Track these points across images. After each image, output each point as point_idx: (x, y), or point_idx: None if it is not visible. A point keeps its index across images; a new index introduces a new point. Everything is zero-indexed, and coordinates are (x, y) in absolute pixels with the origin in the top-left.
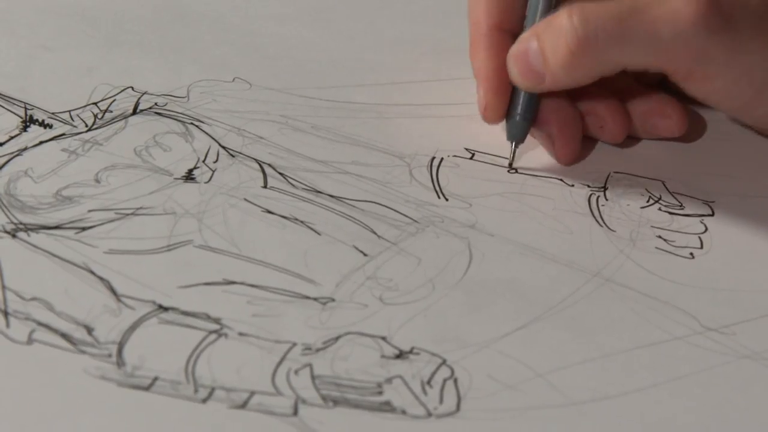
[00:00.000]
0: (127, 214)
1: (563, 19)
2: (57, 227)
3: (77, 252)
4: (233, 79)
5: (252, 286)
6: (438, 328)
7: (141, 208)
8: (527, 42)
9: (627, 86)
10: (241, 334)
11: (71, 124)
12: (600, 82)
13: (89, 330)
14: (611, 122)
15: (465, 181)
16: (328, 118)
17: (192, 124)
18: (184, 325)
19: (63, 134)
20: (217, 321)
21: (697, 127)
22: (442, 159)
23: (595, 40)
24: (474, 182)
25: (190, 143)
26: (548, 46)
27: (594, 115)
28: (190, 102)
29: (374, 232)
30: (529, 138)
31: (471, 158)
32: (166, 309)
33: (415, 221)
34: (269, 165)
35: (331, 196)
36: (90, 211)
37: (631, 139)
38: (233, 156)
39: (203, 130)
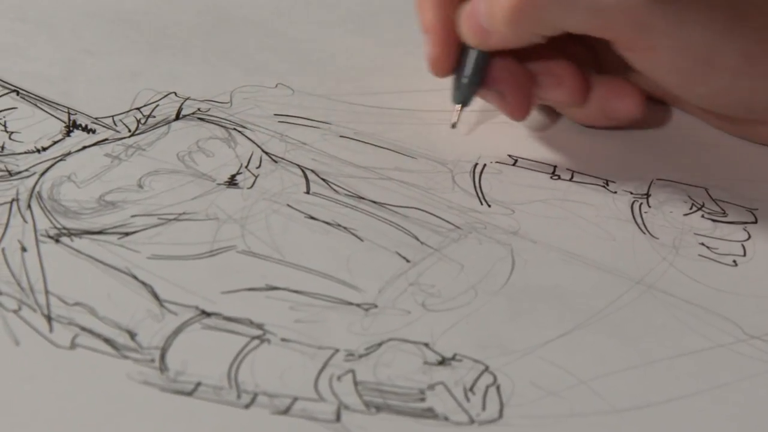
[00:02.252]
0: (170, 220)
1: None
2: (100, 232)
3: (120, 257)
4: (276, 85)
5: (295, 291)
6: (480, 334)
7: (184, 213)
8: (477, 0)
9: (585, 73)
10: (283, 339)
11: (114, 129)
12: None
13: (132, 335)
14: (570, 79)
15: (508, 188)
16: (370, 124)
17: (235, 129)
18: (227, 330)
19: (106, 139)
20: (259, 327)
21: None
22: (485, 165)
23: (538, 2)
24: (517, 188)
25: (233, 149)
26: (494, 3)
27: (550, 75)
28: (233, 107)
29: (417, 239)
30: (577, 146)
31: (514, 164)
32: (209, 314)
33: (458, 227)
34: (312, 171)
35: (374, 202)
36: (133, 216)
37: (672, 145)
38: (276, 162)
39: (246, 136)
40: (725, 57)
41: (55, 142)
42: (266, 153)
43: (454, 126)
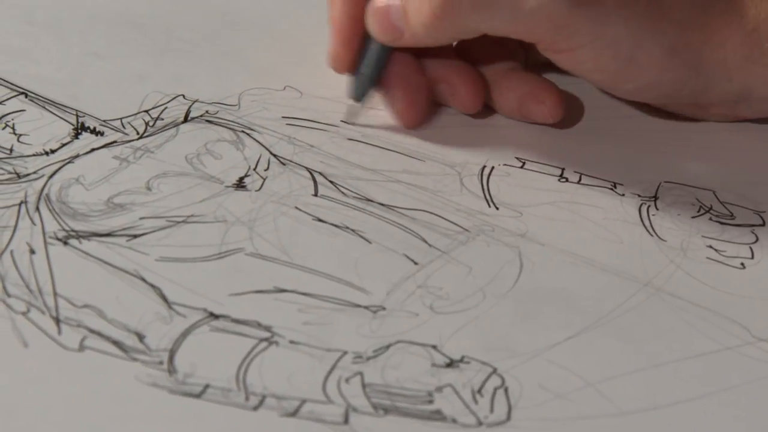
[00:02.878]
0: (179, 222)
1: None
2: (108, 234)
3: (129, 259)
4: (284, 88)
5: (303, 294)
6: (488, 337)
7: (192, 215)
8: None
9: (510, 68)
10: (292, 342)
11: (122, 132)
12: (466, 51)
13: (141, 337)
14: (464, 90)
15: (516, 190)
16: (378, 127)
17: (243, 132)
18: (235, 332)
19: (114, 142)
20: (268, 329)
21: (746, 137)
22: (492, 168)
23: (458, 4)
24: (525, 191)
25: (241, 151)
26: (411, 5)
27: (446, 83)
28: (241, 110)
29: (425, 241)
30: (585, 148)
31: (521, 167)
32: (217, 317)
33: (466, 230)
34: (320, 173)
35: (382, 204)
36: (141, 218)
37: (680, 148)
38: (284, 164)
39: (254, 138)
40: (648, 53)
41: (64, 145)
42: (274, 155)
43: (347, 121)
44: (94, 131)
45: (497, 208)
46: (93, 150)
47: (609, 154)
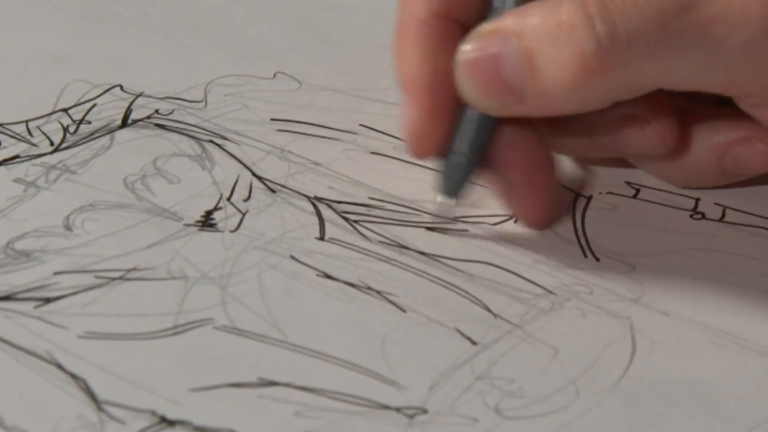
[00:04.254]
0: (114, 279)
1: (575, 16)
2: (7, 297)
3: (38, 336)
4: (274, 75)
5: (302, 389)
6: None
7: (134, 269)
8: (497, 40)
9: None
10: None
11: (29, 142)
12: None
13: None
14: (655, 122)
15: (626, 232)
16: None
17: (212, 141)
18: None
19: (17, 157)
20: None
21: None
22: (590, 197)
23: (625, 52)
24: (640, 233)
25: (208, 171)
26: (543, 54)
27: (625, 117)
28: (209, 108)
29: (488, 309)
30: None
31: (635, 197)
32: (172, 423)
33: (550, 292)
34: (328, 205)
35: (423, 253)
36: (57, 273)
37: None
38: (274, 192)
39: (228, 152)
40: None
41: None
42: (259, 178)
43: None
44: None
45: (597, 259)
46: None
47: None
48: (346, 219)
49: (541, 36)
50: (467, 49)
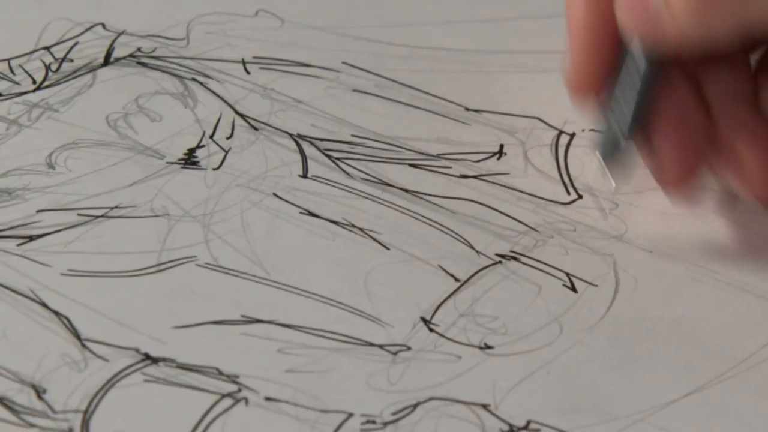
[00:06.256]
0: (96, 217)
1: None
2: None
3: (21, 273)
4: (256, 13)
5: (285, 326)
6: (567, 391)
7: (117, 207)
8: None
9: None
10: (268, 399)
11: (11, 80)
12: None
13: (40, 392)
14: (754, 162)
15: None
16: (400, 72)
17: (194, 80)
18: (182, 385)
19: None
20: (233, 379)
21: None
22: (573, 134)
23: None
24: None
25: (191, 109)
26: None
27: (730, 143)
28: (192, 46)
29: (471, 246)
30: None
31: None
32: (155, 361)
33: (533, 229)
34: (311, 143)
35: (406, 190)
36: (39, 211)
37: None
38: (256, 129)
39: (211, 90)
40: None
41: None
42: (241, 116)
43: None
44: None
45: (580, 196)
46: None
47: None
48: (329, 156)
49: None
50: None
